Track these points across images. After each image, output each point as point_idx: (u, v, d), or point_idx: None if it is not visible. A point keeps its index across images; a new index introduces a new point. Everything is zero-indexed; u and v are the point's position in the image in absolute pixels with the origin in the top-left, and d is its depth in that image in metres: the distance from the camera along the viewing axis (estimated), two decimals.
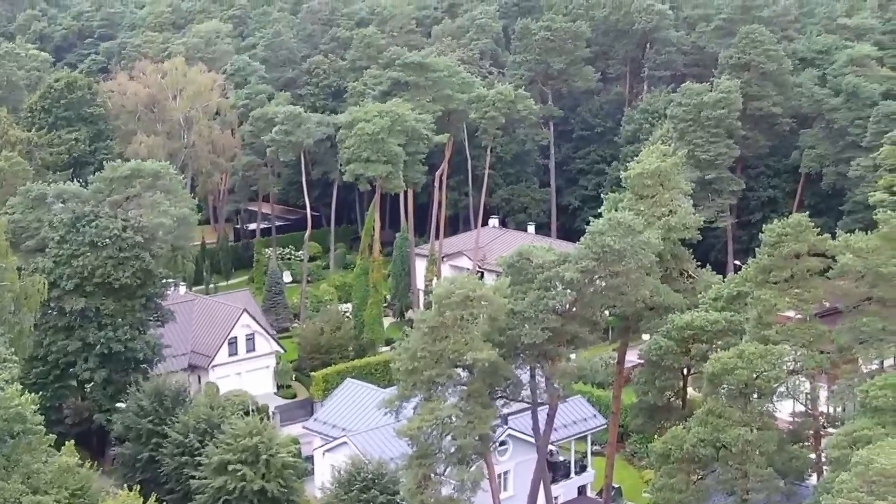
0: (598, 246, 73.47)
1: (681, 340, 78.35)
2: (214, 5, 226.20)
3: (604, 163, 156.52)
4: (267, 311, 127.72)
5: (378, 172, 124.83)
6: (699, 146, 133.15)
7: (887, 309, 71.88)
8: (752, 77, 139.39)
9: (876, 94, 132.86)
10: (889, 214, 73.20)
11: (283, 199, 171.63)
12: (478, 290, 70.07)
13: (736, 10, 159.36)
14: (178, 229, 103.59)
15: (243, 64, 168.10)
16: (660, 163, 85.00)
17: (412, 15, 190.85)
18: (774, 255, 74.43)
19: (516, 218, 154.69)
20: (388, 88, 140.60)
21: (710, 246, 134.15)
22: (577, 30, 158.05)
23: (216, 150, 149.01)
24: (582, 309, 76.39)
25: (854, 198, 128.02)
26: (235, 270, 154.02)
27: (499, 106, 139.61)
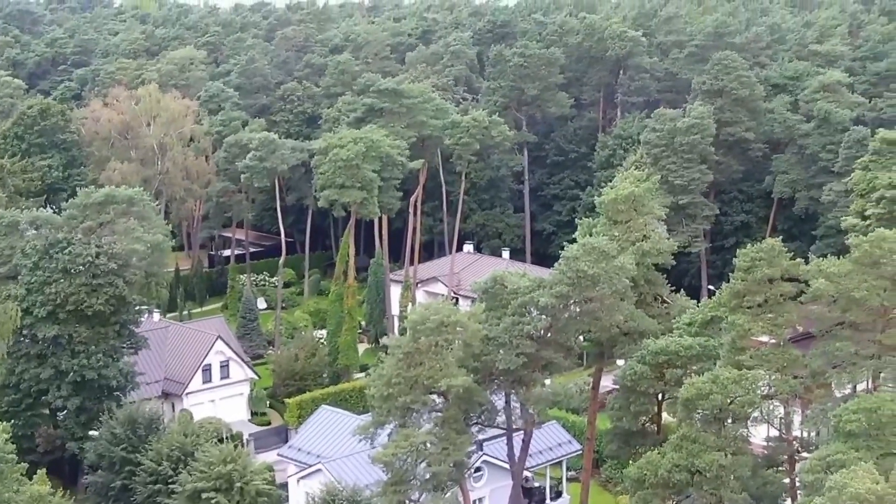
0: (572, 271, 73.55)
1: (655, 366, 78.47)
2: (188, 32, 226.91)
3: (578, 188, 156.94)
4: (241, 338, 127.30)
5: (353, 198, 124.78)
6: (673, 171, 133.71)
7: (860, 333, 72.22)
8: (725, 103, 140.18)
9: (847, 120, 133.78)
10: (861, 239, 73.58)
11: (258, 225, 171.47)
12: (452, 316, 70.07)
13: (708, 37, 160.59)
14: (151, 256, 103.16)
15: (217, 90, 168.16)
16: (633, 188, 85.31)
17: (386, 41, 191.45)
18: (748, 280, 74.68)
19: (491, 243, 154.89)
20: (362, 115, 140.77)
21: (683, 271, 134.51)
22: (551, 56, 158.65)
23: (190, 176, 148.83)
24: (557, 334, 76.41)
25: (826, 222, 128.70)
26: (209, 297, 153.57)
27: (473, 132, 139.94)
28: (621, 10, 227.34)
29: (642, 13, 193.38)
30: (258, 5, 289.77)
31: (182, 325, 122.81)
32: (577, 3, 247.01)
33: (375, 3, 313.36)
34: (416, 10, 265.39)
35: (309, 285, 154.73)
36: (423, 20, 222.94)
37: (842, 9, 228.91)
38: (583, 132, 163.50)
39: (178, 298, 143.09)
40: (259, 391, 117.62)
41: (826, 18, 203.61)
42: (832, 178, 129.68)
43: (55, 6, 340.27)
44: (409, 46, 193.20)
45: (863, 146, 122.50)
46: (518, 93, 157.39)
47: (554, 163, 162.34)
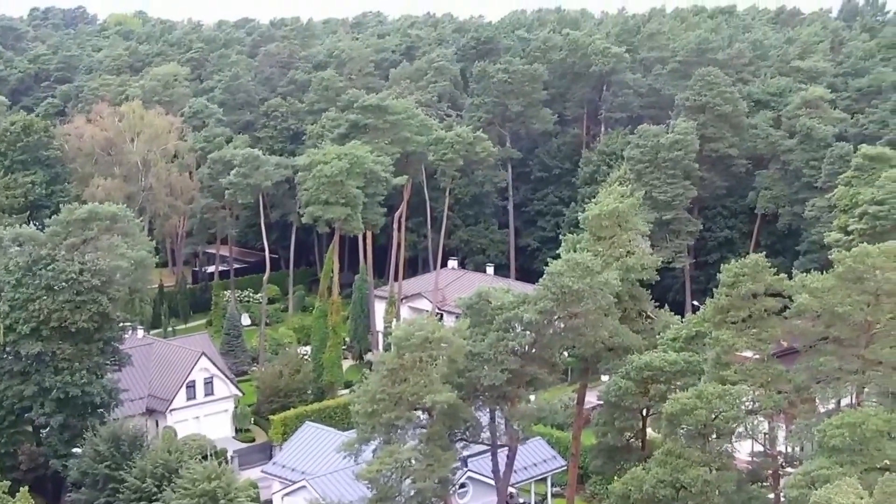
0: (556, 287, 73.62)
1: (640, 381, 78.52)
2: (172, 48, 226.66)
3: (562, 204, 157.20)
4: (225, 355, 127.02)
5: (337, 214, 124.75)
6: (656, 187, 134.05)
7: (843, 348, 72.38)
8: (708, 119, 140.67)
9: (829, 136, 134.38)
10: (844, 254, 73.78)
11: (242, 241, 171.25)
12: (437, 332, 70.03)
13: (691, 53, 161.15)
14: (135, 272, 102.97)
15: (201, 107, 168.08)
16: (617, 204, 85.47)
17: (370, 58, 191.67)
18: (732, 296, 74.82)
19: (475, 259, 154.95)
20: (346, 131, 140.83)
21: (668, 286, 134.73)
22: (535, 72, 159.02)
23: (174, 192, 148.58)
24: (541, 350, 76.44)
25: (810, 238, 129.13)
26: (194, 313, 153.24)
27: (457, 148, 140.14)
28: (604, 26, 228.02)
29: (625, 29, 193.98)
30: (242, 21, 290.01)
31: (166, 342, 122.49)
32: (560, 20, 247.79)
33: (359, 19, 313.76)
34: (399, 27, 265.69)
35: (293, 301, 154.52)
36: (406, 36, 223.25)
37: (824, 25, 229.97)
38: (567, 148, 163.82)
39: (162, 315, 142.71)
40: (243, 408, 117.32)
41: (808, 35, 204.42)
42: (815, 193, 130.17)
43: (38, 23, 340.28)
44: (393, 62, 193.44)
45: (845, 162, 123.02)
46: (502, 109, 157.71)
47: (538, 178, 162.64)
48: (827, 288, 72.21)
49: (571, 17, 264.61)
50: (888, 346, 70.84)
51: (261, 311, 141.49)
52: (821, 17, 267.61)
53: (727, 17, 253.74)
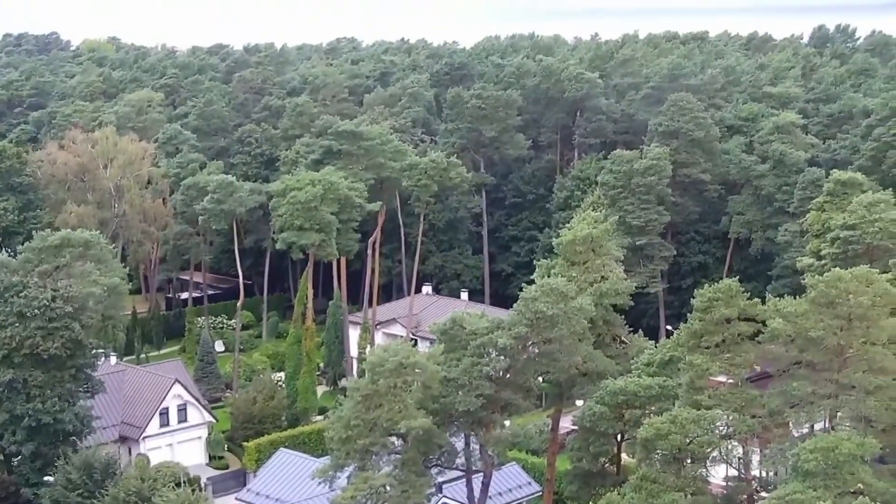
0: (531, 312, 73.70)
1: (614, 406, 78.61)
2: (146, 74, 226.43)
3: (536, 229, 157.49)
4: (199, 381, 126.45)
5: (311, 240, 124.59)
6: (630, 213, 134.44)
7: (817, 373, 72.65)
8: (681, 144, 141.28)
9: (801, 161, 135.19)
10: (817, 279, 74.14)
11: (216, 267, 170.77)
12: (411, 358, 69.94)
13: (664, 79, 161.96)
14: (108, 299, 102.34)
15: (175, 133, 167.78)
16: (591, 229, 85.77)
17: (344, 84, 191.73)
18: (705, 320, 75.08)
19: (449, 285, 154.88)
20: (320, 157, 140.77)
21: (642, 311, 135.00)
22: (509, 98, 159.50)
23: (147, 219, 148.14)
24: (515, 375, 76.44)
25: (782, 263, 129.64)
26: (167, 340, 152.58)
27: (431, 174, 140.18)
28: (578, 52, 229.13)
29: (598, 55, 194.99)
30: (216, 47, 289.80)
31: (139, 369, 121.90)
32: (534, 46, 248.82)
33: (333, 45, 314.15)
34: (373, 53, 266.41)
35: (267, 328, 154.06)
36: (380, 62, 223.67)
37: (795, 52, 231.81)
38: (540, 174, 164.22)
39: (136, 341, 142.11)
40: (217, 434, 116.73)
41: (780, 61, 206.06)
42: (787, 218, 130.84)
43: (11, 48, 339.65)
44: (367, 88, 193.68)
45: (817, 187, 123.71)
46: (476, 134, 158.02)
47: (512, 204, 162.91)
48: (800, 312, 72.52)
49: (545, 43, 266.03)
50: (861, 370, 71.16)
51: (235, 338, 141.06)
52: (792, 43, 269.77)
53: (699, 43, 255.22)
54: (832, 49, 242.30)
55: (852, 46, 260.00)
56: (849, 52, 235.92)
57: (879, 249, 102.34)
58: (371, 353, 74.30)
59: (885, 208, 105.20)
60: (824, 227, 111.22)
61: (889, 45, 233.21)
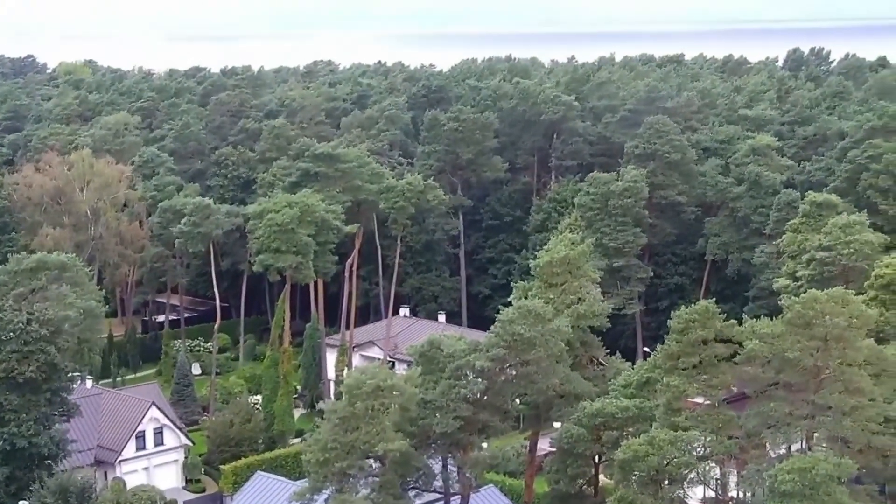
0: (508, 334, 73.73)
1: (591, 428, 78.58)
2: (122, 97, 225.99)
3: (513, 251, 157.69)
4: (175, 404, 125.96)
5: (288, 263, 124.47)
6: (607, 234, 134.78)
7: (794, 393, 72.82)
8: (658, 166, 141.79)
9: (777, 183, 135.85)
10: (793, 300, 74.40)
11: (192, 290, 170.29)
12: (389, 380, 69.84)
13: (640, 101, 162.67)
14: (84, 322, 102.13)
15: (152, 155, 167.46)
16: (568, 251, 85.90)
17: (321, 106, 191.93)
18: (682, 342, 75.21)
19: (427, 307, 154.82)
20: (297, 179, 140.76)
21: (619, 333, 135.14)
22: (486, 120, 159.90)
23: (124, 241, 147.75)
24: (493, 397, 76.40)
25: (759, 284, 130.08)
26: (143, 363, 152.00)
27: (408, 196, 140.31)
28: (554, 75, 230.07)
29: (575, 78, 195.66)
30: (193, 70, 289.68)
31: (115, 392, 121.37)
32: (510, 69, 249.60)
33: (310, 68, 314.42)
34: (350, 76, 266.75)
35: (244, 350, 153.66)
36: (358, 85, 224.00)
37: (770, 74, 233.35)
38: (517, 196, 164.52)
39: (112, 365, 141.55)
40: (194, 458, 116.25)
41: (755, 84, 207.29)
42: (763, 240, 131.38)
43: None
44: (345, 111, 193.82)
45: (793, 209, 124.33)
46: (453, 157, 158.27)
47: (489, 226, 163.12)
48: (776, 334, 72.73)
49: (521, 65, 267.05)
50: (837, 391, 71.36)
51: (211, 360, 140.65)
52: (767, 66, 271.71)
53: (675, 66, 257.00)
54: (807, 72, 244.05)
55: (826, 69, 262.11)
56: (823, 74, 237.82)
57: (854, 270, 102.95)
58: (348, 375, 74.18)
59: (859, 230, 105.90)
60: (800, 248, 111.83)
61: (862, 68, 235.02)
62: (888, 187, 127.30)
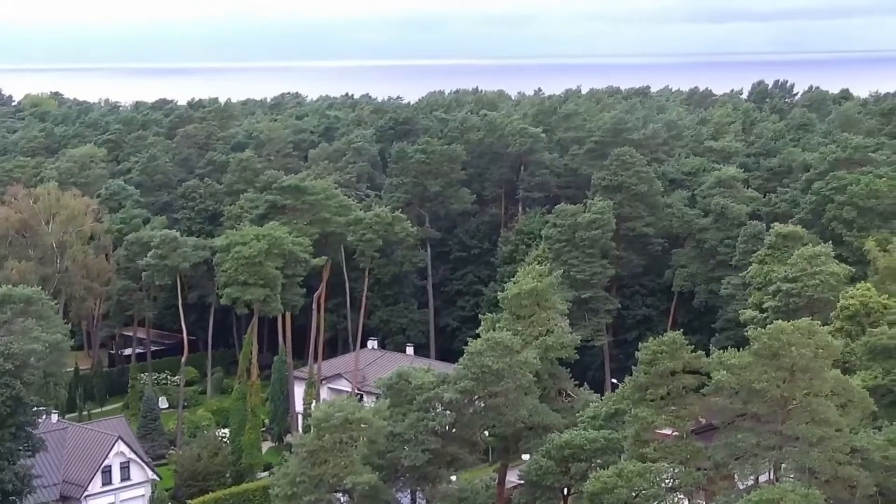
0: (476, 366, 73.79)
1: (560, 460, 78.59)
2: (89, 130, 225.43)
3: (481, 283, 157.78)
4: (142, 438, 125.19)
5: (255, 296, 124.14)
6: (574, 266, 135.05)
7: (761, 424, 73.05)
8: (625, 198, 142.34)
9: (743, 215, 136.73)
10: (760, 331, 74.74)
11: (159, 323, 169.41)
12: (357, 413, 69.76)
13: (607, 134, 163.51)
14: (50, 356, 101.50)
15: (118, 188, 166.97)
16: (536, 283, 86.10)
17: (289, 139, 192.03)
18: (650, 373, 75.40)
19: (395, 339, 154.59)
20: (265, 212, 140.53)
21: (587, 364, 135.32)
22: (453, 152, 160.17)
23: (90, 274, 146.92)
24: (462, 430, 76.38)
25: (726, 315, 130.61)
26: (110, 397, 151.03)
27: (376, 228, 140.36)
28: (521, 107, 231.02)
29: (542, 110, 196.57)
30: (160, 103, 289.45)
31: (81, 426, 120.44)
32: (477, 101, 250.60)
33: (278, 100, 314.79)
34: (318, 108, 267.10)
35: (211, 383, 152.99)
36: (325, 117, 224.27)
37: (735, 107, 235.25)
38: (485, 228, 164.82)
39: (78, 398, 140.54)
40: (161, 492, 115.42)
41: (721, 116, 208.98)
42: (730, 271, 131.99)
43: None
44: (312, 143, 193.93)
45: (759, 240, 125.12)
46: (420, 189, 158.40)
47: (457, 258, 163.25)
48: (743, 365, 73.02)
49: (489, 98, 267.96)
50: (804, 421, 71.65)
51: (178, 394, 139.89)
52: (732, 98, 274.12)
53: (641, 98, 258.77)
54: (771, 104, 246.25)
55: (790, 102, 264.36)
56: (787, 107, 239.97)
57: (820, 302, 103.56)
58: (316, 408, 74.01)
59: (824, 261, 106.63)
60: (766, 279, 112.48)
61: (826, 100, 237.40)
62: (852, 219, 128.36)
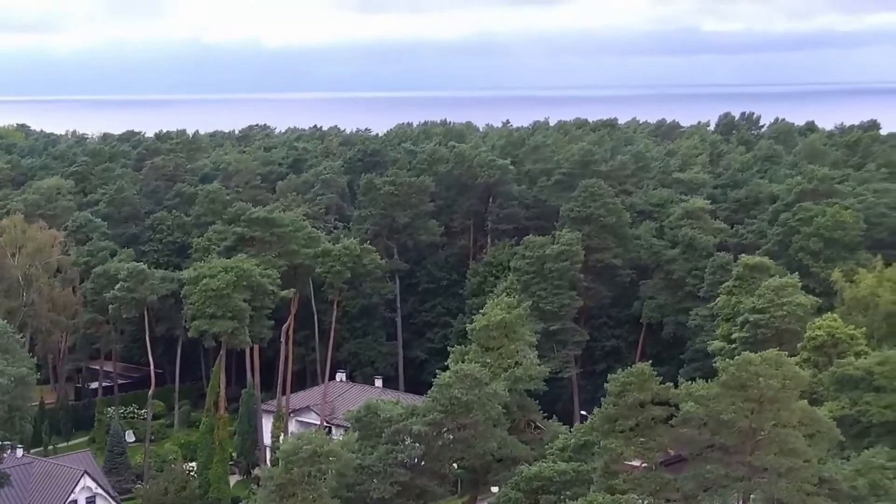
0: (445, 398, 73.66)
1: (529, 492, 78.38)
2: (56, 162, 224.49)
3: (449, 315, 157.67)
4: (109, 472, 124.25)
5: (223, 328, 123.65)
6: (543, 298, 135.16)
7: (729, 455, 73.12)
8: (593, 229, 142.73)
9: (710, 246, 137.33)
10: (728, 362, 74.91)
11: (126, 356, 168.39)
12: (325, 446, 69.43)
13: (575, 165, 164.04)
14: (15, 390, 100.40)
15: (85, 220, 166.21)
16: (505, 315, 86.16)
17: (257, 170, 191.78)
18: (619, 404, 75.40)
19: (364, 371, 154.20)
20: (233, 244, 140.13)
21: (556, 396, 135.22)
22: (422, 184, 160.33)
23: (56, 308, 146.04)
24: (431, 462, 76.14)
25: (694, 346, 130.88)
26: (76, 431, 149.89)
27: (344, 260, 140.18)
28: (489, 138, 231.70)
29: (510, 142, 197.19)
30: (127, 134, 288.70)
31: (47, 461, 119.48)
32: (446, 133, 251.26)
33: (246, 132, 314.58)
34: (286, 140, 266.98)
35: (179, 417, 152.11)
36: (293, 149, 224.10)
37: (702, 138, 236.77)
38: (454, 259, 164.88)
39: (43, 433, 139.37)
40: None
41: (688, 147, 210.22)
42: (698, 302, 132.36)
43: None
44: (280, 175, 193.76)
45: (726, 271, 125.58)
46: (389, 221, 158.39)
47: (426, 290, 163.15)
48: (712, 396, 73.12)
49: (457, 129, 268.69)
50: (772, 452, 71.76)
51: (146, 427, 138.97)
52: (699, 130, 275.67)
53: (609, 129, 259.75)
54: (738, 136, 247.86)
55: (757, 133, 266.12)
56: (754, 139, 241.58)
57: (788, 333, 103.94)
58: (285, 441, 73.70)
59: (792, 292, 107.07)
60: (734, 310, 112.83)
61: (792, 132, 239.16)
62: (819, 250, 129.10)
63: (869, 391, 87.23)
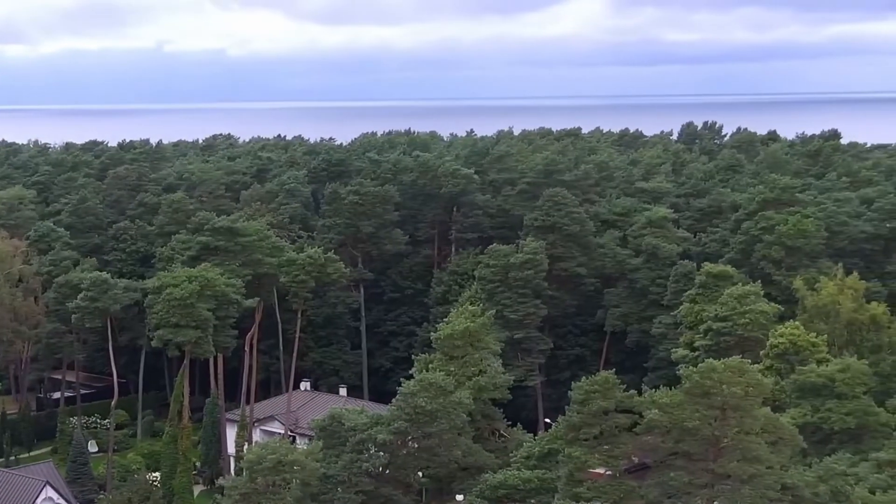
0: (410, 407, 73.78)
1: (494, 500, 78.60)
2: (17, 171, 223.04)
3: (414, 324, 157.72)
4: (71, 483, 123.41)
5: (187, 338, 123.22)
6: (507, 306, 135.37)
7: (693, 462, 73.55)
8: (557, 238, 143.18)
9: (674, 255, 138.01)
10: (691, 370, 75.36)
11: (89, 366, 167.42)
12: (290, 455, 69.42)
13: (539, 175, 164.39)
14: None
15: (47, 230, 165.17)
16: (469, 323, 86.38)
17: (221, 180, 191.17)
18: (583, 413, 75.72)
19: (328, 381, 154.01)
20: (197, 253, 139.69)
21: (520, 405, 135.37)
22: (386, 194, 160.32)
23: (18, 317, 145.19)
24: (395, 471, 76.22)
25: (657, 354, 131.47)
26: (38, 441, 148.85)
27: (309, 269, 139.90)
28: (454, 148, 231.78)
29: (474, 152, 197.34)
30: (90, 144, 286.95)
31: (8, 472, 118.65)
32: (410, 142, 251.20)
33: (210, 142, 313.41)
34: (250, 149, 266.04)
35: (142, 427, 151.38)
36: (257, 159, 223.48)
37: (665, 148, 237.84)
38: (418, 268, 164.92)
39: (4, 443, 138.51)
40: None
41: (651, 157, 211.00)
42: (662, 311, 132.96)
43: None
44: (244, 184, 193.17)
45: (689, 280, 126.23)
46: (354, 230, 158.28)
47: (390, 299, 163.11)
48: (675, 403, 73.55)
49: (421, 139, 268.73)
50: (735, 459, 72.23)
51: (109, 438, 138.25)
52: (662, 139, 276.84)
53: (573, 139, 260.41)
54: (701, 145, 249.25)
55: (719, 143, 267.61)
56: (716, 148, 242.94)
57: (750, 340, 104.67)
58: (249, 450, 73.55)
59: (754, 300, 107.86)
60: (697, 318, 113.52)
61: (754, 142, 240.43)
62: (781, 258, 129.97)
63: (830, 398, 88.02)
